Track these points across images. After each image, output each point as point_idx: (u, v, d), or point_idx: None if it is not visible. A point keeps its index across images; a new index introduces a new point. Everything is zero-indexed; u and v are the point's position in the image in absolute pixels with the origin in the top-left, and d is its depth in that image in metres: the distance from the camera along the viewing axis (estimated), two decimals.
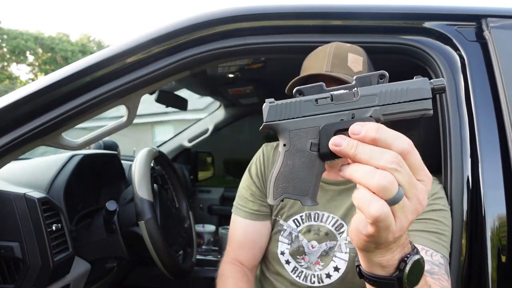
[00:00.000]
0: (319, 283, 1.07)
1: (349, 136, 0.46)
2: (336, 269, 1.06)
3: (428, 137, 1.18)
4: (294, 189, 0.49)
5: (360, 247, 0.50)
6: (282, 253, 1.12)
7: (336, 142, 0.45)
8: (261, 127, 0.52)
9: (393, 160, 0.43)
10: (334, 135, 0.48)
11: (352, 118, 0.47)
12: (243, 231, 1.14)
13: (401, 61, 1.06)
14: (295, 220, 1.11)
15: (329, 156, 0.48)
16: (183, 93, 2.26)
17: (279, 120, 0.50)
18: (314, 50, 1.00)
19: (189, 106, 2.26)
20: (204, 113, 3.07)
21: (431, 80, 0.49)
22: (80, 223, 1.41)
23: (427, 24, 0.99)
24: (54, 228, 1.14)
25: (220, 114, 2.70)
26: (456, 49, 0.96)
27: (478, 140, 0.90)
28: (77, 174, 1.42)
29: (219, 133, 2.74)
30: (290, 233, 1.11)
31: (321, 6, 1.02)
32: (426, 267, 0.81)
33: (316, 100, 0.49)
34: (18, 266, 1.04)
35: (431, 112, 0.47)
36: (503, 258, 0.85)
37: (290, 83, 0.97)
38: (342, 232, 1.06)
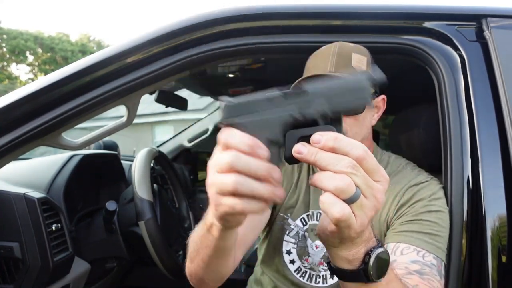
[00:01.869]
0: (323, 283, 1.07)
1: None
2: None
3: (428, 137, 1.18)
4: None
5: (327, 243, 0.57)
6: (288, 253, 1.11)
7: (299, 150, 0.50)
8: (217, 124, 0.54)
9: (349, 165, 0.48)
10: (298, 141, 0.51)
11: (300, 113, 0.50)
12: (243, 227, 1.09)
13: (401, 61, 1.06)
14: (302, 219, 1.11)
15: (292, 160, 0.51)
16: (183, 93, 2.25)
17: (238, 117, 0.52)
18: (316, 50, 0.99)
19: (189, 106, 2.26)
20: (204, 113, 3.06)
21: (372, 74, 0.52)
22: (80, 223, 1.41)
23: (427, 24, 0.99)
24: (54, 228, 1.14)
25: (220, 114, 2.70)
26: (456, 49, 0.96)
27: (478, 140, 0.90)
28: (77, 174, 1.42)
29: (219, 133, 2.73)
30: (298, 232, 1.11)
31: (321, 6, 1.02)
32: (416, 267, 0.82)
33: (269, 98, 0.52)
34: (18, 266, 1.04)
35: (371, 103, 0.50)
36: (503, 258, 0.85)
37: (295, 83, 0.97)
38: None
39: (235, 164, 0.49)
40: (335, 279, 1.05)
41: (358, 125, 0.99)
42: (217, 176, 0.52)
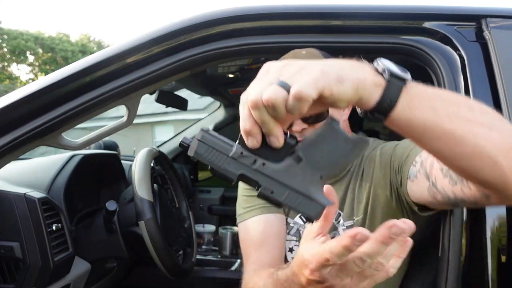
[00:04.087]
0: None
1: None
2: None
3: None
4: None
5: None
6: (291, 250, 1.12)
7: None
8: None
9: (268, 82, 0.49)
10: None
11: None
12: (262, 227, 1.08)
13: (401, 61, 1.05)
14: (302, 216, 1.11)
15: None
16: (183, 93, 2.26)
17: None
18: (316, 50, 1.00)
19: (189, 106, 2.26)
20: (204, 113, 3.07)
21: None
22: (80, 223, 1.41)
23: (427, 24, 0.99)
24: (54, 228, 1.14)
25: (220, 114, 2.70)
26: (456, 49, 0.96)
27: None
28: (77, 174, 1.42)
29: (219, 133, 2.73)
30: (298, 230, 1.11)
31: (321, 6, 1.02)
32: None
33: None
34: (18, 266, 1.04)
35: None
36: (503, 258, 0.85)
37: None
38: (339, 221, 1.07)
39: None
40: None
41: None
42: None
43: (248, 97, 0.49)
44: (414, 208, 0.95)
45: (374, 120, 0.53)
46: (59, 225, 1.17)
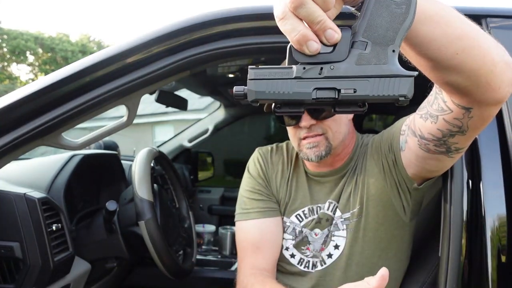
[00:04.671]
0: (321, 265, 1.08)
1: None
2: (336, 247, 1.07)
3: None
4: None
5: None
6: (287, 249, 1.12)
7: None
8: None
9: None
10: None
11: None
12: (258, 232, 1.11)
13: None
14: (298, 216, 1.12)
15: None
16: (183, 93, 2.25)
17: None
18: None
19: (189, 106, 2.26)
20: (204, 113, 3.07)
21: None
22: (80, 223, 1.41)
23: None
24: (54, 228, 1.14)
25: (220, 114, 2.70)
26: None
27: (478, 140, 0.90)
28: (77, 174, 1.42)
29: (219, 133, 2.73)
30: (294, 229, 1.12)
31: None
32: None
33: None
34: (18, 266, 1.04)
35: None
36: (503, 258, 0.85)
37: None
38: (335, 211, 1.08)
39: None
40: (333, 258, 1.07)
41: (337, 125, 1.05)
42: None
43: (290, 1, 0.45)
44: (414, 184, 0.97)
45: None
46: (59, 225, 1.17)
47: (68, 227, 1.23)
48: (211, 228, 2.33)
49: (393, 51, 0.47)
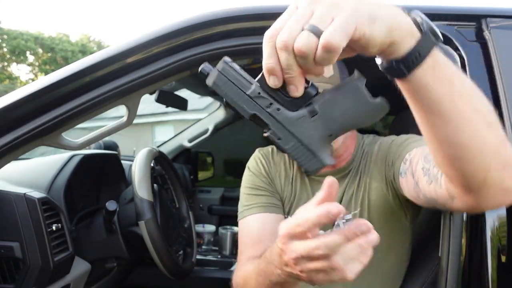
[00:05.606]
0: None
1: None
2: None
3: None
4: None
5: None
6: None
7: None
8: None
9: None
10: None
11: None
12: (258, 225, 1.08)
13: None
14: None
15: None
16: (183, 93, 2.25)
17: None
18: None
19: (189, 106, 2.26)
20: (204, 113, 3.07)
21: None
22: (80, 223, 1.41)
23: None
24: (54, 228, 1.14)
25: (220, 114, 2.70)
26: (456, 49, 0.96)
27: None
28: (77, 174, 1.42)
29: (219, 133, 2.73)
30: None
31: None
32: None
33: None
34: (18, 266, 1.04)
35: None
36: (503, 258, 0.85)
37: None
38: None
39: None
40: None
41: None
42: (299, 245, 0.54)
43: (280, 37, 0.46)
44: (409, 203, 0.96)
45: (393, 75, 0.50)
46: (59, 225, 1.17)
47: (68, 227, 1.23)
48: (211, 228, 2.33)
49: (330, 135, 0.51)
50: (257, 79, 0.51)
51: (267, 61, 0.48)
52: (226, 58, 0.52)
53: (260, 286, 0.78)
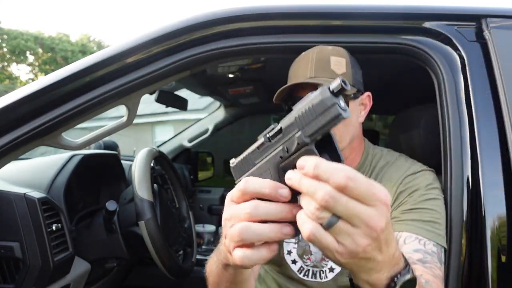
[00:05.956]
0: (321, 278, 1.08)
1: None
2: None
3: (428, 137, 1.18)
4: None
5: (339, 264, 0.53)
6: (289, 253, 1.12)
7: (289, 176, 0.51)
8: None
9: (326, 194, 0.46)
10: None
11: (287, 152, 0.52)
12: None
13: (401, 61, 1.06)
14: None
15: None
16: (183, 93, 2.25)
17: (243, 175, 0.59)
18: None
19: (189, 106, 2.26)
20: (204, 113, 3.07)
21: (329, 85, 0.49)
22: (80, 223, 1.41)
23: (427, 24, 0.99)
24: (54, 228, 1.14)
25: (220, 114, 2.70)
26: (456, 49, 0.96)
27: (478, 140, 0.90)
28: (77, 174, 1.42)
29: (219, 133, 2.73)
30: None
31: (321, 6, 1.02)
32: (418, 256, 0.83)
33: (258, 147, 0.56)
34: (18, 266, 1.04)
35: (344, 115, 0.48)
36: (503, 258, 0.85)
37: (277, 92, 0.99)
38: None
39: (254, 212, 0.52)
40: (334, 272, 1.06)
41: (345, 125, 1.01)
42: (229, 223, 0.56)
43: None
44: None
45: None
46: (59, 225, 1.17)
47: (68, 227, 1.23)
48: (211, 228, 2.33)
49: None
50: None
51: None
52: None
53: (215, 273, 0.80)
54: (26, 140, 0.92)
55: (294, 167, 0.51)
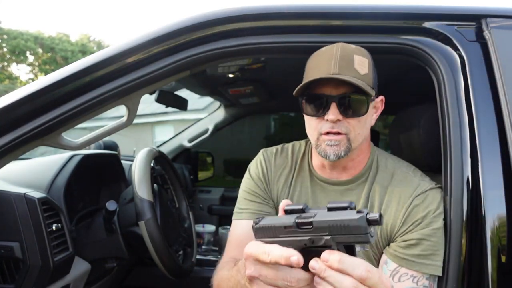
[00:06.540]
0: None
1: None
2: None
3: (428, 137, 1.18)
4: None
5: None
6: None
7: (312, 265, 0.60)
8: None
9: (350, 285, 0.57)
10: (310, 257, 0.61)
11: (312, 243, 0.60)
12: (244, 231, 1.10)
13: (401, 61, 1.06)
14: None
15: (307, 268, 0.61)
16: (183, 93, 2.26)
17: (264, 239, 0.65)
18: (316, 50, 0.98)
19: (189, 106, 2.26)
20: (204, 113, 3.07)
21: (368, 216, 0.56)
22: (80, 223, 1.41)
23: (427, 24, 0.99)
24: (54, 228, 1.14)
25: (220, 114, 2.70)
26: (456, 49, 0.96)
27: (478, 140, 0.90)
28: (77, 174, 1.42)
29: (219, 133, 2.73)
30: None
31: (321, 6, 1.02)
32: None
33: (285, 227, 0.63)
34: (18, 266, 1.04)
35: (371, 241, 0.57)
36: (503, 258, 0.85)
37: (299, 86, 0.96)
38: None
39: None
40: None
41: (361, 126, 1.00)
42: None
43: None
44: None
45: None
46: (59, 225, 1.17)
47: (68, 227, 1.23)
48: (211, 228, 2.33)
49: None
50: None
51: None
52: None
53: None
54: (26, 140, 0.92)
55: (314, 254, 0.60)
